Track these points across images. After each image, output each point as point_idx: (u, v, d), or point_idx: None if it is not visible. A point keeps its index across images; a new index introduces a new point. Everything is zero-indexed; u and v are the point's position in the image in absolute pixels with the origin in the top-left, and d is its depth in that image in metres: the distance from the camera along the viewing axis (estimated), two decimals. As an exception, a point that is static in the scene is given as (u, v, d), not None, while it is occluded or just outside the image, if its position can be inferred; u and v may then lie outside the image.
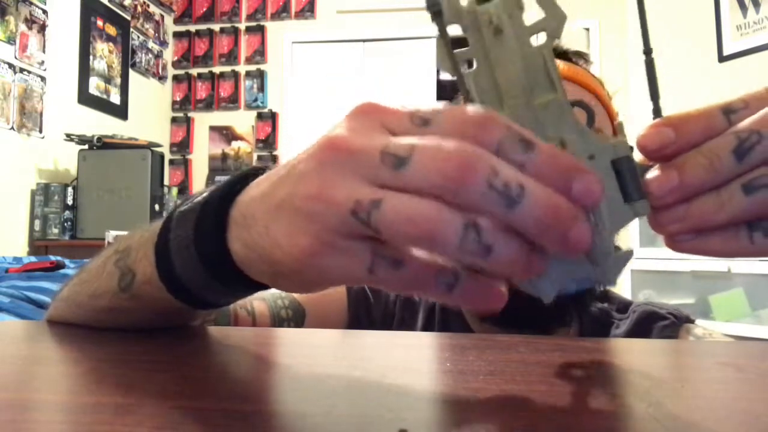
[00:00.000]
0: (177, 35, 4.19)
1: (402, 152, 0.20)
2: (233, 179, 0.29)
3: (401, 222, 0.20)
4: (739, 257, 0.23)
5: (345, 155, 0.22)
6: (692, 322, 0.62)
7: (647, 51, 0.27)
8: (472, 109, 0.21)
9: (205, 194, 0.30)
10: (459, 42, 0.24)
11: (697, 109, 0.23)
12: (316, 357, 0.34)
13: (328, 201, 0.21)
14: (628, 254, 0.22)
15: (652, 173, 0.22)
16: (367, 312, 0.60)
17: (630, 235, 2.77)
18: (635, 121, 2.50)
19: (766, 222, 0.22)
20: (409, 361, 0.34)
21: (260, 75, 4.06)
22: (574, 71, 0.57)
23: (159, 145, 3.13)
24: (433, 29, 0.23)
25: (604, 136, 0.23)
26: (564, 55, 0.61)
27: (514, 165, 0.20)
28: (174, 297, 0.32)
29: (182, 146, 4.12)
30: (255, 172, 0.28)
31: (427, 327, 0.61)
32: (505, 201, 0.19)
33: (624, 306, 0.65)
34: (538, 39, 0.23)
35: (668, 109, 0.25)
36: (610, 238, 0.22)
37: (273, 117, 4.04)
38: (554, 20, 0.23)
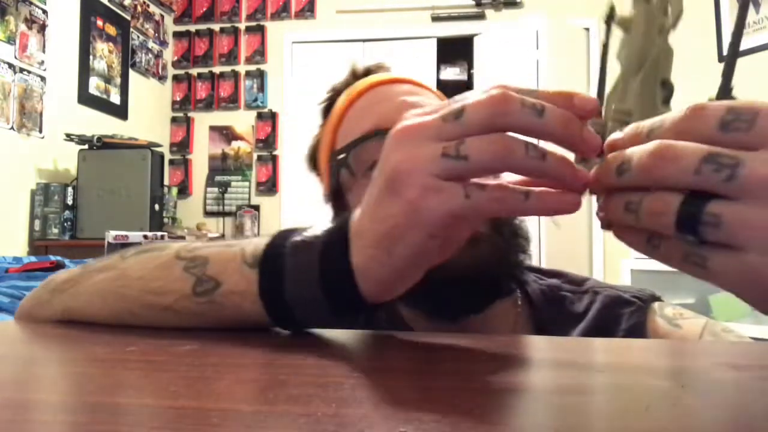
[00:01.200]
0: (177, 35, 4.19)
1: (456, 108, 0.29)
2: (339, 225, 0.35)
3: (484, 146, 0.28)
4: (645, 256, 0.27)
5: (413, 130, 0.30)
6: (659, 299, 0.60)
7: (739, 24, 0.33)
8: (489, 90, 0.28)
9: (316, 231, 0.36)
10: None
11: (639, 124, 0.27)
12: (316, 357, 0.34)
13: (418, 157, 0.29)
14: None
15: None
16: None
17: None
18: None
19: (657, 238, 0.26)
20: (409, 361, 0.34)
21: (260, 75, 4.06)
22: (407, 77, 0.64)
23: (159, 145, 3.13)
24: (433, 30, 0.27)
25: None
26: (367, 71, 0.66)
27: None
28: (268, 315, 0.36)
29: (182, 146, 4.12)
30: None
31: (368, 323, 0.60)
32: (536, 112, 0.27)
33: (577, 281, 0.62)
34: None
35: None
36: None
37: (273, 117, 4.04)
38: (676, 9, 0.30)
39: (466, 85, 3.92)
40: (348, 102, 0.61)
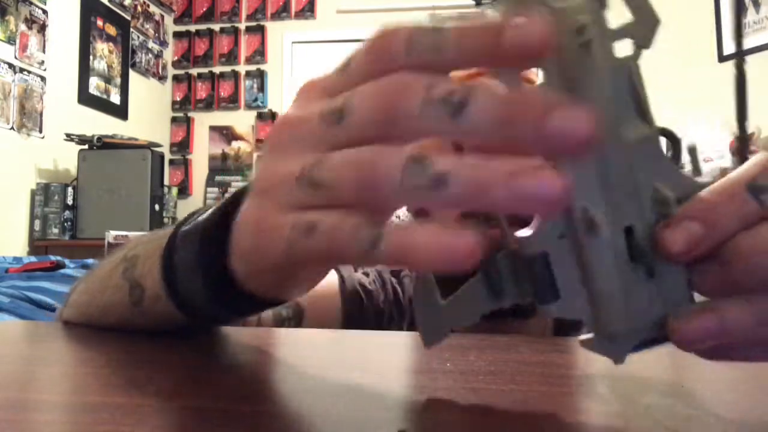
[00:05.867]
0: (177, 35, 4.19)
1: (338, 104, 0.20)
2: (230, 198, 0.28)
3: (340, 170, 0.18)
4: None
5: (289, 130, 0.21)
6: None
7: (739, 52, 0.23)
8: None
9: (206, 215, 0.29)
10: None
11: (718, 189, 0.19)
12: (315, 357, 0.34)
13: (277, 174, 0.21)
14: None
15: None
16: (360, 310, 0.62)
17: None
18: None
19: None
20: (409, 361, 0.34)
21: (260, 75, 4.06)
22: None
23: (159, 145, 3.13)
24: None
25: (690, 177, 0.19)
26: None
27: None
28: (185, 317, 0.31)
29: (182, 146, 4.12)
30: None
31: (411, 325, 0.62)
32: (450, 108, 0.16)
33: None
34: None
35: (668, 109, 0.25)
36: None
37: (273, 117, 4.04)
38: (645, 26, 0.17)
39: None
40: None
